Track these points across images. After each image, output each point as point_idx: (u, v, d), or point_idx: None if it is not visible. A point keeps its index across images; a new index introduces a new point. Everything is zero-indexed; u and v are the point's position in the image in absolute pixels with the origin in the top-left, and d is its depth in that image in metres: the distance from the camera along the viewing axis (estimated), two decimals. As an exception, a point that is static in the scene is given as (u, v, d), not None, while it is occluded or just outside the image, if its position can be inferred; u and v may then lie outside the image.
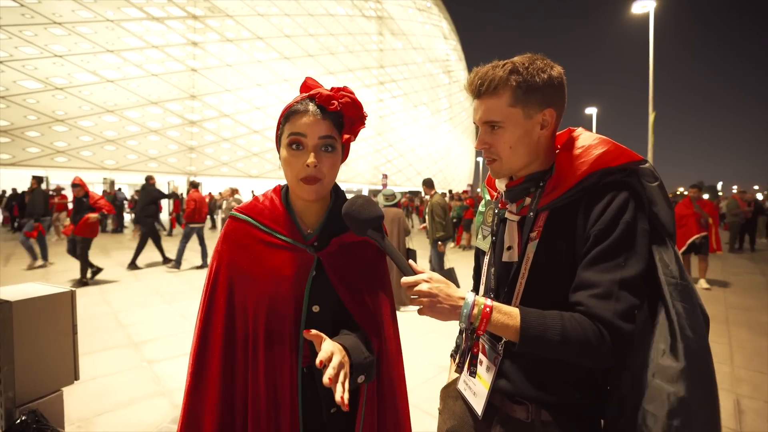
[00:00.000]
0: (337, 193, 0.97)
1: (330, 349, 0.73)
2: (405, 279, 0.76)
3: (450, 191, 16.79)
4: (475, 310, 0.73)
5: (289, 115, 0.85)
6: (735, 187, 11.73)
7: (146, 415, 2.41)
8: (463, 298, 0.75)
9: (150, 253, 8.76)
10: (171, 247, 8.57)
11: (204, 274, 6.43)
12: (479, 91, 0.84)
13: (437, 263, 5.37)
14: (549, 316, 0.74)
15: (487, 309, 0.73)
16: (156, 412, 2.43)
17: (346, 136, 0.88)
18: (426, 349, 3.47)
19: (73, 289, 1.93)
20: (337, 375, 0.70)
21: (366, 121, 0.91)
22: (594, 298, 0.73)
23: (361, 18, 29.46)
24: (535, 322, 0.73)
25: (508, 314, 0.74)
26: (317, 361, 0.70)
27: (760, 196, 19.78)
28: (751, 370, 3.17)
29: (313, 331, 0.77)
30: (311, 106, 0.83)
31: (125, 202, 15.51)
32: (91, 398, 2.57)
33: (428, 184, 5.91)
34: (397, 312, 4.33)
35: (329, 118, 0.84)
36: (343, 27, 28.09)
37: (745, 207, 10.07)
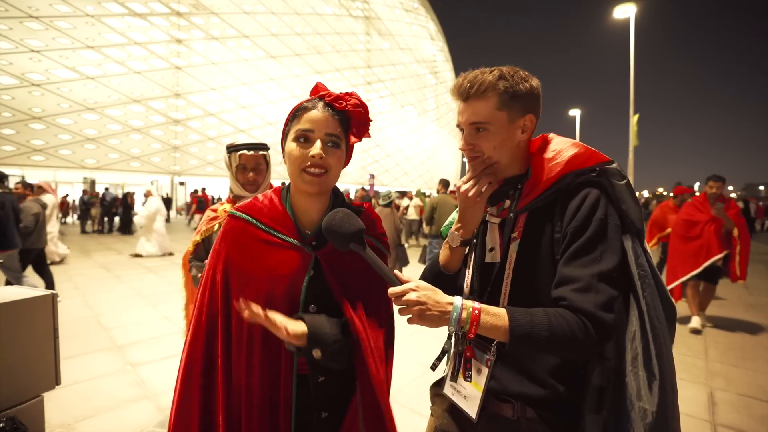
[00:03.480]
0: (336, 194, 0.97)
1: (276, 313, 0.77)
2: (392, 290, 0.76)
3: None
4: (464, 314, 0.75)
5: (297, 112, 0.87)
6: (712, 187, 12.01)
7: (130, 419, 2.37)
8: (452, 303, 0.76)
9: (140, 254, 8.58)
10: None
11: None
12: (468, 93, 0.88)
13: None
14: (535, 313, 0.77)
15: (476, 312, 0.75)
16: (140, 415, 2.40)
17: (354, 139, 0.91)
18: (414, 348, 3.49)
19: (54, 292, 1.89)
20: (266, 317, 0.74)
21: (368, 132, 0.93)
22: (576, 292, 0.76)
23: (348, 18, 29.39)
24: (522, 320, 0.75)
25: (496, 315, 0.77)
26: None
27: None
28: (725, 363, 3.29)
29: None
30: (320, 104, 0.87)
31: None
32: (73, 403, 2.51)
33: (444, 184, 6.06)
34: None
35: (337, 117, 0.87)
36: (330, 26, 27.98)
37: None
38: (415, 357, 3.32)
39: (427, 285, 0.78)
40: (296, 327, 0.77)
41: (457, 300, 0.77)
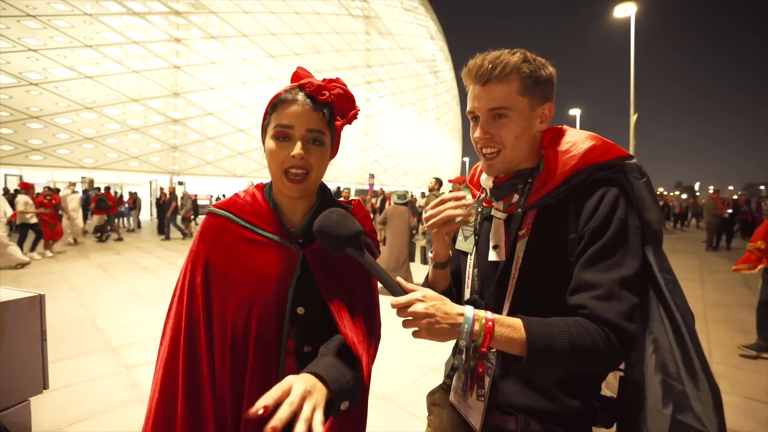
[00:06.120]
0: (324, 191, 0.91)
1: (288, 382, 0.59)
2: (395, 300, 0.68)
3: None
4: (477, 326, 0.68)
5: (276, 104, 0.80)
6: (711, 187, 12.20)
7: (122, 422, 2.31)
8: (462, 314, 0.68)
9: (132, 253, 8.52)
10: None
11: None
12: (490, 75, 0.79)
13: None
14: (554, 324, 0.70)
15: (489, 323, 0.68)
16: (133, 419, 2.34)
17: (339, 122, 0.82)
18: (412, 350, 3.44)
19: (42, 293, 1.83)
20: (297, 410, 0.56)
21: (356, 117, 0.85)
22: (597, 300, 0.70)
23: (347, 17, 29.33)
24: (541, 332, 0.68)
25: (512, 326, 0.69)
26: (261, 406, 0.55)
27: (734, 197, 20.46)
28: (729, 366, 3.24)
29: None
30: (300, 96, 0.79)
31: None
32: (65, 406, 2.46)
33: (438, 182, 6.50)
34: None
35: (319, 110, 0.79)
36: (330, 26, 27.92)
37: (722, 207, 10.43)
38: (414, 359, 3.27)
39: (434, 294, 0.69)
40: (320, 401, 0.61)
41: (469, 310, 0.69)
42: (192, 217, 12.46)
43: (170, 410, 0.80)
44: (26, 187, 7.84)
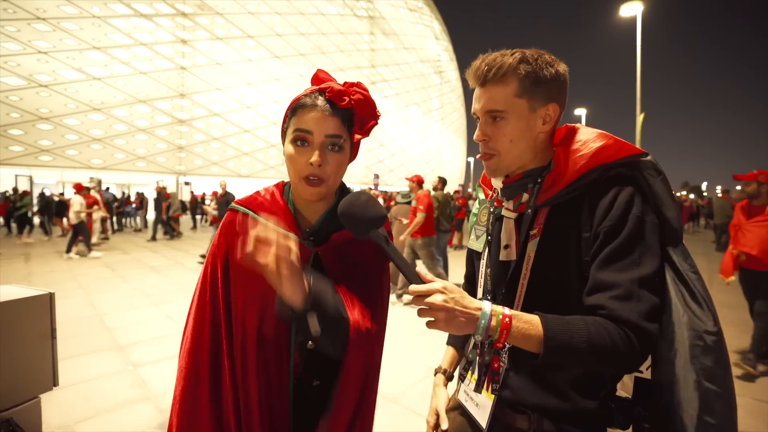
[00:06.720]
0: (343, 191, 0.92)
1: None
2: (415, 288, 0.68)
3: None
4: (494, 321, 0.67)
5: (296, 108, 0.80)
6: (719, 187, 12.01)
7: (130, 420, 2.34)
8: (480, 309, 0.68)
9: (139, 253, 8.60)
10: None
11: (189, 276, 6.32)
12: (485, 77, 0.80)
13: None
14: (572, 322, 0.69)
15: (507, 319, 0.68)
16: (141, 417, 2.37)
17: (358, 136, 0.84)
18: (418, 349, 3.44)
19: (52, 291, 1.85)
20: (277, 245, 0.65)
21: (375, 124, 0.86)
22: (616, 300, 0.69)
23: (352, 17, 29.37)
24: (559, 330, 0.67)
25: (529, 323, 0.68)
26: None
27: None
28: (738, 367, 3.20)
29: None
30: (320, 101, 0.79)
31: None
32: (73, 404, 2.49)
33: (443, 182, 6.58)
34: (392, 305, 4.44)
35: (339, 115, 0.79)
36: (335, 26, 27.97)
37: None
38: (420, 358, 3.27)
39: (453, 287, 0.69)
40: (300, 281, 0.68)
41: (486, 305, 0.69)
42: (180, 216, 12.57)
43: (194, 399, 0.83)
44: (80, 189, 8.18)
